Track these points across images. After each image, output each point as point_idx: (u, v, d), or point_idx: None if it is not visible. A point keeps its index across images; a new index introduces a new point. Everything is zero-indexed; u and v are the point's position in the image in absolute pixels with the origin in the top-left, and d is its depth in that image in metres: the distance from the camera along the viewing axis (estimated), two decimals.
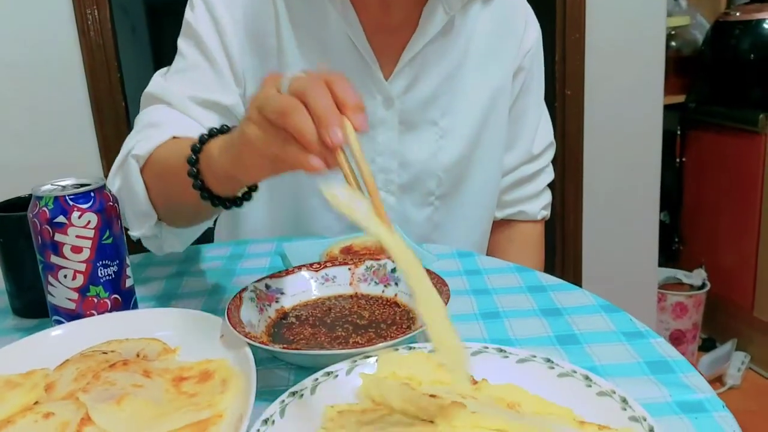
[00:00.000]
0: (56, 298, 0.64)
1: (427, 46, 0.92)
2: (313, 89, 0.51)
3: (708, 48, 2.10)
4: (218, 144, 0.63)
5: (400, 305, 0.67)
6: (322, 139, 0.50)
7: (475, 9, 0.95)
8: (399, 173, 0.94)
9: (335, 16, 0.89)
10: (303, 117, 0.50)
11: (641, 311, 1.98)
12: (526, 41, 1.00)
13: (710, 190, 2.19)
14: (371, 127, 0.91)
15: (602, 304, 0.68)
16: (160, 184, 0.75)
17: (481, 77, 0.96)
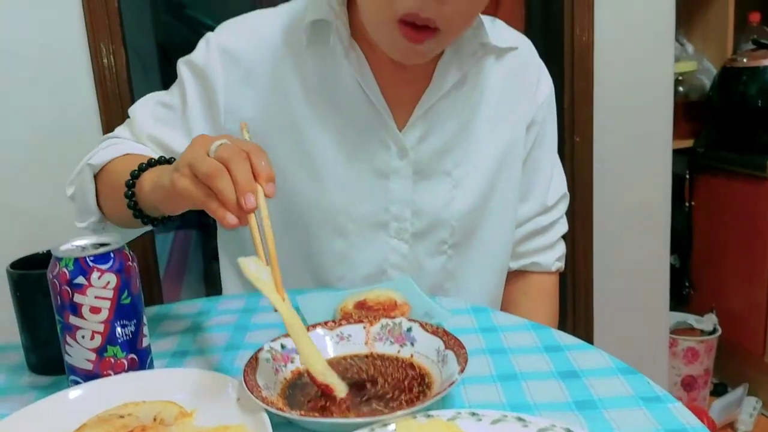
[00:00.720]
0: (73, 358, 0.64)
1: (441, 99, 0.94)
2: (236, 159, 0.63)
3: (715, 93, 2.12)
4: (151, 178, 0.76)
5: (416, 366, 0.67)
6: (238, 202, 0.61)
7: (488, 63, 0.97)
8: (412, 222, 0.95)
9: (349, 70, 0.91)
10: (226, 182, 0.62)
11: (653, 357, 1.96)
12: (540, 95, 1.02)
13: (720, 235, 2.19)
14: (385, 176, 0.93)
15: (619, 366, 0.68)
16: (107, 192, 0.87)
17: (493, 129, 0.97)
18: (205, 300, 0.92)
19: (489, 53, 0.97)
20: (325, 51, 0.91)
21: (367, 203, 0.93)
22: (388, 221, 0.94)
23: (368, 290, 0.85)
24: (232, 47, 0.92)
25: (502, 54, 0.98)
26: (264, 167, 0.64)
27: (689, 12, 2.24)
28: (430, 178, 0.95)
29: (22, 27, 1.45)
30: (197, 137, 0.69)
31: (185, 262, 3.14)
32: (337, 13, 0.90)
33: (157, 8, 2.49)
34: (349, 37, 0.90)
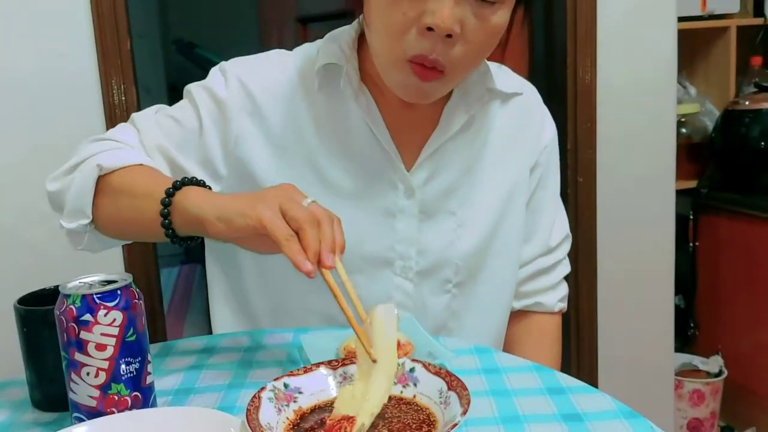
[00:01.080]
0: (78, 395, 0.65)
1: (448, 141, 0.96)
2: (327, 221, 0.70)
3: (718, 135, 2.14)
4: (202, 198, 0.76)
5: (419, 406, 0.67)
6: (320, 256, 0.67)
7: (494, 108, 1.00)
8: (417, 260, 0.95)
9: (359, 113, 0.93)
10: (315, 233, 0.68)
11: (658, 399, 1.94)
12: (543, 139, 1.04)
13: (725, 275, 2.18)
14: (392, 215, 0.95)
15: (623, 409, 0.68)
16: (114, 201, 0.84)
17: (498, 172, 0.99)
18: (208, 337, 0.93)
19: (495, 98, 1.00)
20: (336, 94, 0.93)
21: (373, 241, 0.94)
22: (394, 259, 0.95)
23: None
24: (250, 82, 0.93)
25: (507, 99, 1.01)
26: (341, 237, 0.71)
27: (692, 55, 2.28)
28: (435, 217, 0.96)
29: (35, 64, 1.48)
30: (289, 187, 0.74)
31: (189, 297, 3.14)
32: (348, 58, 0.92)
33: (168, 47, 2.55)
34: (358, 80, 0.93)
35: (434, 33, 0.80)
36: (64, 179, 0.89)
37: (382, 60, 0.87)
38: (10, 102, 1.48)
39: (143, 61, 1.84)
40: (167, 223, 0.77)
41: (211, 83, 0.95)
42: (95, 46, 1.50)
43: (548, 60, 1.87)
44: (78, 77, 1.51)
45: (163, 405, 0.72)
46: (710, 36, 2.22)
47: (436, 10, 0.79)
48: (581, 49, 1.74)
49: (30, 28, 1.47)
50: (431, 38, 0.80)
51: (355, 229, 0.93)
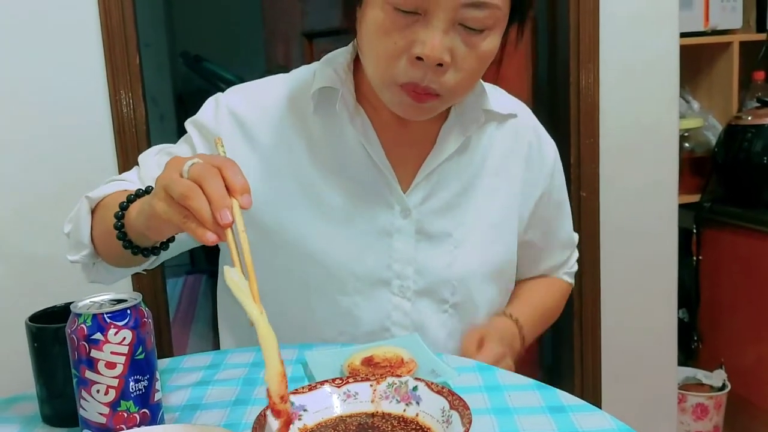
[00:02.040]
0: (88, 412, 0.66)
1: (444, 162, 0.97)
2: (208, 176, 0.64)
3: (721, 150, 2.15)
4: (137, 207, 0.78)
5: (422, 426, 0.68)
6: (215, 219, 0.62)
7: (490, 129, 1.01)
8: (415, 280, 0.96)
9: (355, 134, 0.95)
10: (201, 201, 0.63)
11: (662, 413, 1.95)
12: (547, 163, 1.06)
13: (728, 289, 2.19)
14: (388, 235, 0.95)
15: (622, 428, 0.69)
16: (100, 226, 0.88)
17: (494, 193, 1.01)
18: (215, 353, 0.94)
19: (491, 119, 1.01)
20: (332, 116, 0.95)
21: (370, 261, 0.95)
22: (391, 279, 0.96)
23: (375, 346, 0.86)
24: (240, 110, 0.96)
25: (503, 120, 1.02)
26: (237, 180, 0.65)
27: (695, 70, 2.29)
28: (431, 238, 0.97)
29: (45, 77, 1.50)
30: (171, 159, 0.71)
31: (194, 307, 3.16)
32: (343, 81, 0.94)
33: (175, 61, 2.57)
34: (354, 102, 0.94)
35: (424, 62, 0.81)
36: (71, 222, 0.93)
37: (375, 83, 0.89)
38: (19, 114, 1.50)
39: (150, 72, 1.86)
40: (121, 235, 0.80)
41: (201, 116, 0.98)
42: (104, 59, 1.52)
43: (551, 75, 1.89)
44: (87, 90, 1.53)
45: (170, 421, 0.73)
46: (713, 51, 2.24)
47: (426, 40, 0.80)
48: (584, 64, 1.76)
49: (40, 41, 1.49)
50: (421, 67, 0.82)
51: (351, 248, 0.94)
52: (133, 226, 0.79)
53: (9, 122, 1.50)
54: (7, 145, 1.50)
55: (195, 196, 0.63)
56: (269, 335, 0.62)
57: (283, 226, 0.95)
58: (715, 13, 2.16)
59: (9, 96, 1.49)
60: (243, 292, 0.63)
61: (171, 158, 0.71)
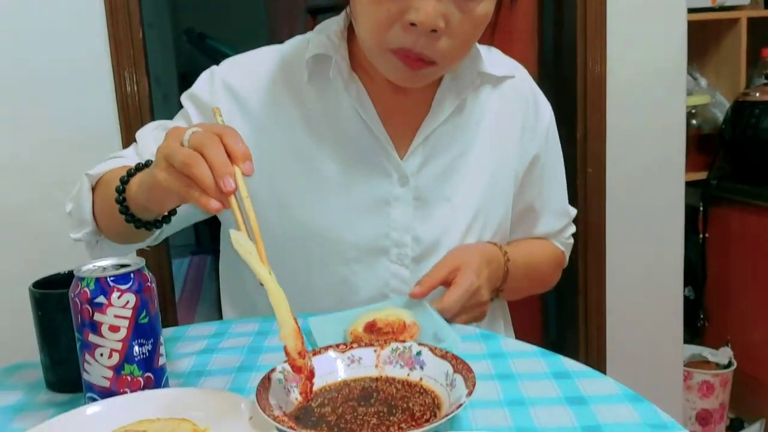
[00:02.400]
0: (91, 376, 0.66)
1: (440, 126, 0.97)
2: (209, 143, 0.64)
3: (728, 127, 2.13)
4: (137, 180, 0.78)
5: (426, 389, 0.68)
6: (218, 186, 0.62)
7: (485, 91, 1.01)
8: (412, 247, 0.96)
9: (350, 102, 0.94)
10: (203, 168, 0.63)
11: (667, 390, 1.95)
12: (542, 123, 1.04)
13: (734, 266, 2.18)
14: (386, 203, 0.95)
15: (627, 393, 0.68)
16: (102, 202, 0.88)
17: (490, 155, 1.00)
18: (219, 322, 0.94)
19: (486, 82, 1.00)
20: (326, 84, 0.94)
21: (368, 230, 0.95)
22: (389, 247, 0.96)
23: (378, 309, 0.86)
24: (235, 83, 0.96)
25: (498, 82, 1.01)
26: (239, 147, 0.65)
27: (703, 47, 2.27)
28: (430, 204, 0.97)
29: (48, 54, 1.50)
30: (171, 129, 0.70)
31: (200, 287, 3.17)
32: (337, 47, 0.93)
33: (178, 37, 2.56)
34: (348, 69, 0.93)
35: (418, 29, 0.81)
36: (72, 200, 0.94)
37: (368, 50, 0.89)
38: (23, 91, 1.50)
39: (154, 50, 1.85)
40: (123, 209, 0.80)
41: (196, 90, 0.98)
42: (108, 36, 1.51)
43: (558, 52, 1.87)
44: (91, 67, 1.52)
45: (175, 387, 0.73)
46: (721, 28, 2.21)
47: (420, 6, 0.79)
48: (591, 40, 1.74)
49: (43, 18, 1.49)
50: (414, 33, 0.81)
51: (349, 217, 0.94)
52: (135, 200, 0.79)
53: (14, 99, 1.50)
54: (12, 121, 1.50)
55: (197, 164, 0.63)
56: (279, 294, 0.63)
57: (280, 197, 0.95)
58: None
59: (13, 73, 1.49)
60: (251, 254, 0.63)
61: (171, 128, 0.71)
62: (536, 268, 1.08)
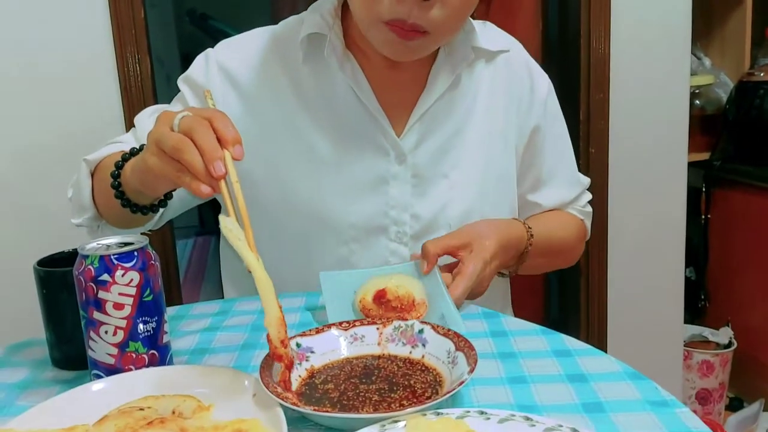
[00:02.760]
0: (96, 353, 0.67)
1: (436, 103, 0.96)
2: (198, 128, 0.64)
3: (732, 107, 2.12)
4: (131, 164, 0.78)
5: (428, 367, 0.68)
6: (208, 171, 0.62)
7: (480, 65, 1.00)
8: (411, 225, 0.97)
9: (344, 80, 0.94)
10: (193, 153, 0.63)
11: (667, 369, 1.96)
12: (538, 95, 1.03)
13: (736, 248, 2.18)
14: (384, 182, 0.95)
15: (628, 371, 0.69)
16: (100, 187, 0.88)
17: (487, 130, 1.00)
18: (222, 301, 0.95)
19: (481, 57, 1.00)
20: (321, 63, 0.94)
21: (366, 209, 0.95)
22: (388, 225, 0.96)
23: (390, 273, 0.85)
24: (230, 65, 0.96)
25: (493, 57, 1.01)
26: (228, 131, 0.65)
27: (707, 26, 2.25)
28: (427, 181, 0.96)
29: (52, 36, 1.49)
30: (161, 114, 0.70)
31: (204, 268, 3.18)
32: (331, 26, 0.93)
33: (181, 19, 2.54)
34: (343, 48, 0.93)
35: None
36: (72, 186, 0.94)
37: (361, 23, 0.88)
38: (25, 73, 1.50)
39: (156, 32, 1.84)
40: (119, 194, 0.80)
41: (192, 73, 0.98)
42: (110, 17, 1.51)
43: (562, 30, 1.86)
44: (94, 48, 1.52)
45: (179, 364, 0.74)
46: (726, 7, 2.19)
47: None
48: (595, 19, 1.73)
49: (45, 3, 1.48)
50: (407, 4, 0.81)
51: (347, 197, 0.94)
52: (130, 184, 0.79)
53: (17, 79, 1.49)
54: (16, 101, 1.50)
55: (187, 149, 0.63)
56: (266, 281, 0.63)
57: (278, 178, 0.96)
58: None
59: (17, 53, 1.49)
60: (239, 240, 0.63)
61: (162, 112, 0.71)
62: (559, 244, 1.06)
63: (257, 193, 0.96)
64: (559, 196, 1.08)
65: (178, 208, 0.98)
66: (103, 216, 0.91)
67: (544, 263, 1.05)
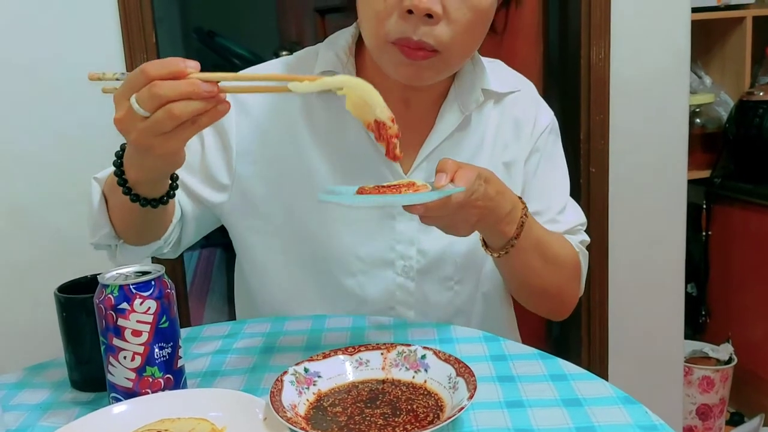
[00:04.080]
0: (115, 377, 0.70)
1: (444, 142, 0.98)
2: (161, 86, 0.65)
3: (732, 126, 2.15)
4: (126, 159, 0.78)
5: (430, 391, 0.72)
6: (207, 98, 0.66)
7: (489, 106, 1.02)
8: (418, 259, 0.99)
9: (355, 118, 0.95)
10: (180, 106, 0.65)
11: (668, 385, 1.98)
12: (538, 127, 1.05)
13: (737, 264, 2.21)
14: (391, 216, 0.97)
15: (620, 395, 0.72)
16: (113, 201, 0.88)
17: (493, 170, 1.00)
18: (232, 323, 0.98)
19: (490, 98, 1.01)
20: (334, 100, 0.95)
21: (374, 243, 0.97)
22: (394, 259, 0.98)
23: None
24: (244, 96, 0.97)
25: (502, 98, 1.02)
26: (168, 66, 0.66)
27: (708, 45, 2.29)
28: None
29: (62, 54, 1.52)
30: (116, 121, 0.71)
31: (209, 280, 3.21)
32: (345, 64, 0.95)
33: (189, 36, 2.59)
34: None
35: (415, 15, 0.82)
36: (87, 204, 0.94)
37: (370, 45, 0.90)
38: (36, 91, 1.52)
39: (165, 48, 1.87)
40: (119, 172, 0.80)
41: None
42: (121, 34, 1.54)
43: (562, 50, 1.90)
44: (105, 65, 1.54)
45: (192, 386, 0.77)
46: (726, 26, 2.23)
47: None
48: (595, 39, 1.76)
49: (57, 20, 1.52)
50: (412, 20, 0.83)
51: (355, 231, 0.97)
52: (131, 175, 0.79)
53: (30, 100, 1.52)
54: (29, 123, 1.53)
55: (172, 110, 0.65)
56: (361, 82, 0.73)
57: (288, 210, 0.98)
58: None
59: (30, 75, 1.52)
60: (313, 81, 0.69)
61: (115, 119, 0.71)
62: (553, 252, 0.98)
63: (266, 222, 0.99)
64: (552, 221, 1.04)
65: (194, 235, 1.01)
66: (119, 231, 0.92)
67: (539, 267, 0.96)
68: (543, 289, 1.01)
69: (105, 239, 0.93)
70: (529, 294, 1.04)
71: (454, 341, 0.87)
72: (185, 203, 0.98)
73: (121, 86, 0.70)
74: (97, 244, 0.94)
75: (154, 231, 0.94)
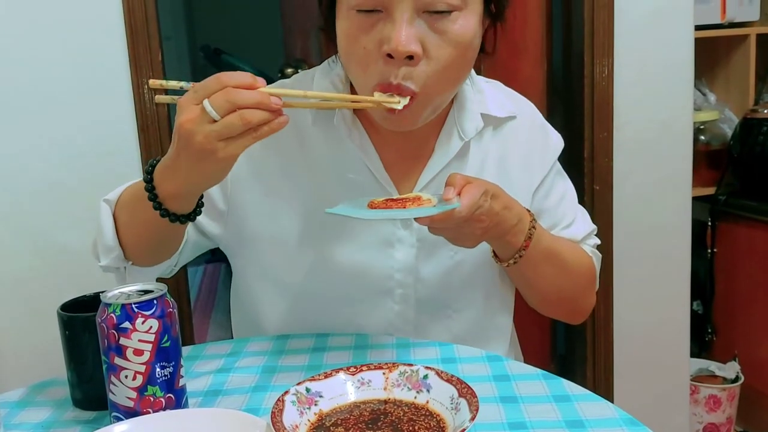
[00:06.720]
0: (117, 396, 0.70)
1: (443, 170, 0.96)
2: (235, 94, 0.70)
3: (736, 143, 2.15)
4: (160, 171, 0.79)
5: (432, 412, 0.71)
6: (272, 110, 0.71)
7: (488, 132, 1.00)
8: (416, 288, 0.98)
9: (352, 147, 0.95)
10: (251, 113, 0.70)
11: (674, 404, 1.97)
12: (551, 152, 1.04)
13: (742, 281, 2.20)
14: (390, 245, 0.96)
15: (624, 417, 0.71)
16: (124, 221, 0.89)
17: None
18: (234, 342, 0.98)
19: (489, 124, 0.99)
20: (330, 128, 0.95)
21: (372, 272, 0.96)
22: (393, 288, 0.97)
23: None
24: None
25: (501, 123, 1.01)
26: (243, 75, 0.71)
27: (712, 63, 2.29)
28: (432, 246, 0.96)
29: (69, 71, 1.53)
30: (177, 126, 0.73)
31: (214, 296, 3.21)
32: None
33: (195, 54, 2.62)
34: (351, 116, 0.95)
35: (395, 59, 0.81)
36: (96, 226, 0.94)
37: (357, 91, 0.89)
38: (43, 107, 1.53)
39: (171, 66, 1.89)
40: (157, 205, 0.80)
41: None
42: (128, 51, 1.55)
43: (566, 69, 1.90)
44: (112, 81, 1.55)
45: (194, 406, 0.77)
46: (730, 44, 2.23)
47: (392, 35, 0.80)
48: (598, 58, 1.77)
49: (64, 36, 1.52)
50: (394, 64, 0.82)
51: (353, 260, 0.96)
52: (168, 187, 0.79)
53: (36, 118, 1.53)
54: (35, 141, 1.54)
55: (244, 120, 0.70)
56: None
57: (284, 239, 0.97)
58: (732, 6, 2.15)
59: (36, 92, 1.53)
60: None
61: (178, 127, 0.73)
62: (563, 259, 0.99)
63: (261, 253, 0.99)
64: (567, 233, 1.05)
65: (192, 253, 1.01)
66: (129, 254, 0.91)
67: (551, 275, 0.98)
68: (557, 296, 1.03)
69: (115, 262, 0.92)
70: (543, 300, 1.05)
71: (457, 361, 0.87)
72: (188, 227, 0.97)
73: (188, 93, 0.73)
74: (106, 267, 0.93)
75: (169, 250, 0.94)
